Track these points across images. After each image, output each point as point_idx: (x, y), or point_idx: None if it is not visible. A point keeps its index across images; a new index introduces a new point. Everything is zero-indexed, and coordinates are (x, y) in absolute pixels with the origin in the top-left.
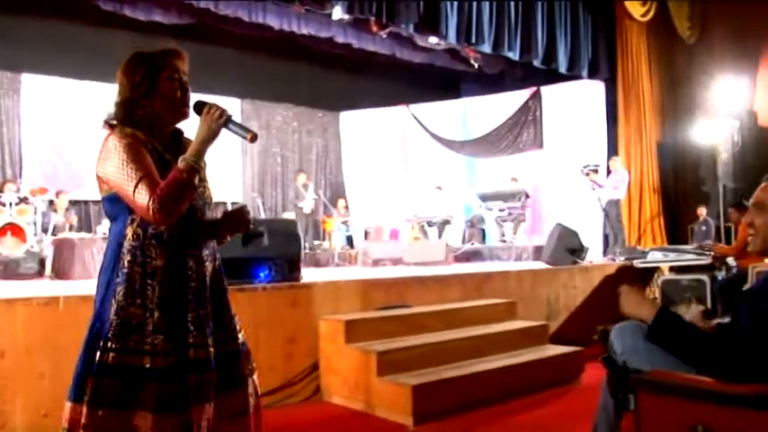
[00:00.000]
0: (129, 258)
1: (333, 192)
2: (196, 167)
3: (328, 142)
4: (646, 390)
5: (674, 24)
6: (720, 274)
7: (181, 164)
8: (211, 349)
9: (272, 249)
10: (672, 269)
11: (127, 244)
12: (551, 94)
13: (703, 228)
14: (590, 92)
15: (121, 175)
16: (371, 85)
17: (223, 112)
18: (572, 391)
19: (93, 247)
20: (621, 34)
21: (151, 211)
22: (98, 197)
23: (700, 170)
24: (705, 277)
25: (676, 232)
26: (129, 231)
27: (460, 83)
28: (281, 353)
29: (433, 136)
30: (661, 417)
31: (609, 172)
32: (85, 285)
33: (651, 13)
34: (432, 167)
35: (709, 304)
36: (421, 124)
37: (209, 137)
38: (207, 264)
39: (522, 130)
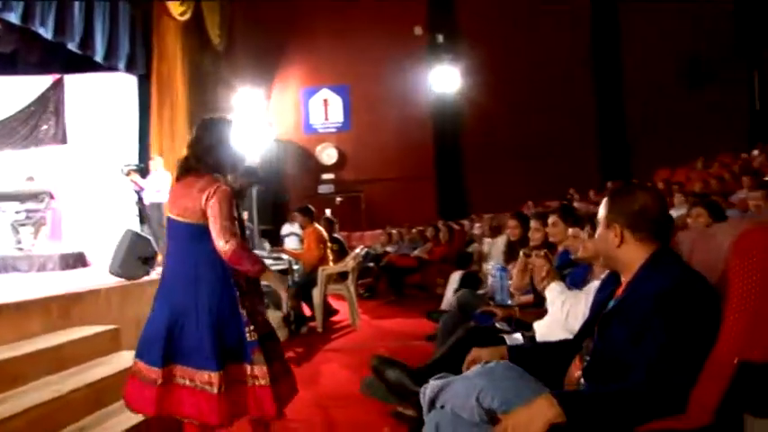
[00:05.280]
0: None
1: None
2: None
3: None
4: None
5: (206, 28)
6: (290, 279)
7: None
8: None
9: None
10: None
11: (221, 260)
12: (77, 83)
13: (247, 232)
14: (122, 86)
15: (216, 215)
16: None
17: None
18: None
19: None
20: (159, 30)
21: (224, 252)
22: None
23: None
24: None
25: None
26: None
27: None
28: None
29: None
30: None
31: (148, 172)
32: None
33: (188, 14)
34: None
35: (285, 309)
36: None
37: None
38: None
39: (41, 121)
